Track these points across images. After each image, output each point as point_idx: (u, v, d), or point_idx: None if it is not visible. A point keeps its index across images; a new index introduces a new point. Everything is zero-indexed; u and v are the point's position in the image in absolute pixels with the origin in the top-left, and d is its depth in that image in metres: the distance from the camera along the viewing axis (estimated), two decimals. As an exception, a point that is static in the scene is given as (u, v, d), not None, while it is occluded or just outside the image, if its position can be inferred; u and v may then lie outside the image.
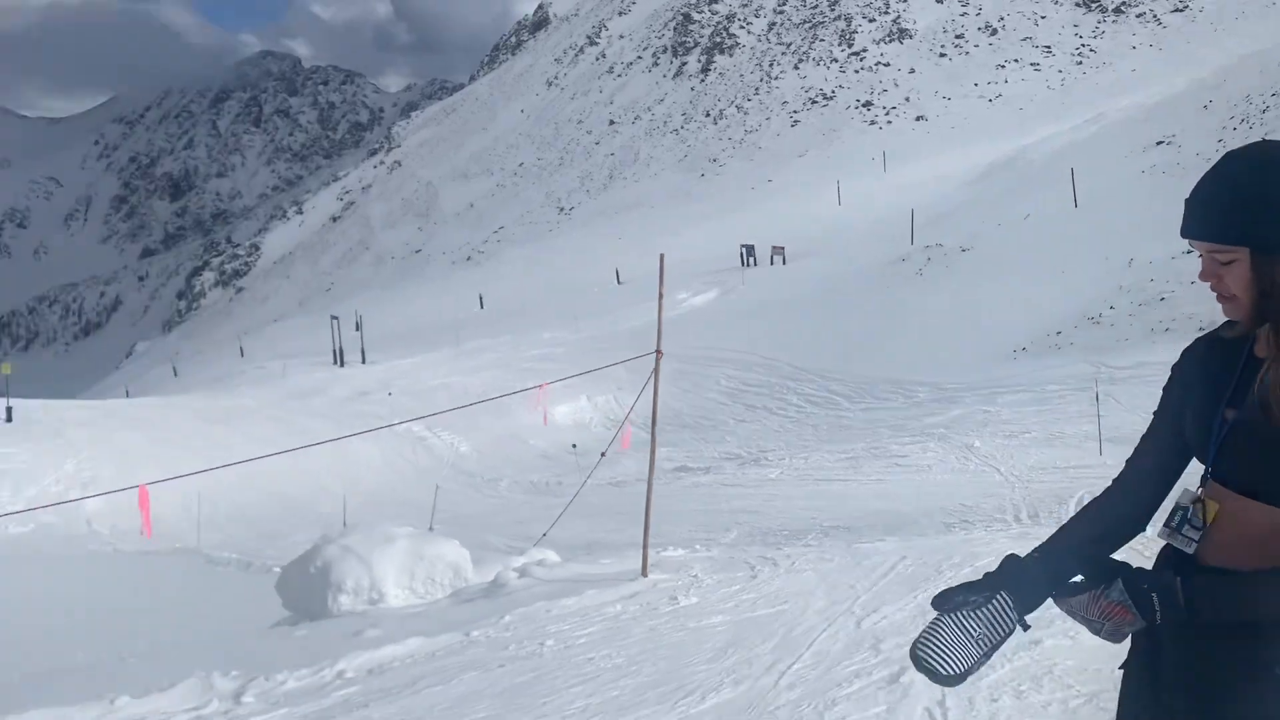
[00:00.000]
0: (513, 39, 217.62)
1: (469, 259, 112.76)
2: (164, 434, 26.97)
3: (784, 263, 45.97)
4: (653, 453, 9.13)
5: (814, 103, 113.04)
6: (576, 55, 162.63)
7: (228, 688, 5.97)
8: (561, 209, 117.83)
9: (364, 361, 40.31)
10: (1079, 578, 1.80)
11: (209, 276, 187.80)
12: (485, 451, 24.44)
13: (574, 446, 24.34)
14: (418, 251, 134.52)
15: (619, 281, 52.99)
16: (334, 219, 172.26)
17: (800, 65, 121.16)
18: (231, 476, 20.83)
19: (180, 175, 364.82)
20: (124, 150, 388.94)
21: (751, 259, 47.94)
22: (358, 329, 49.29)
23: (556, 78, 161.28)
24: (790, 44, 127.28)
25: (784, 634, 5.97)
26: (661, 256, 9.06)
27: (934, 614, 1.88)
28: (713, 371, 27.69)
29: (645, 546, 8.27)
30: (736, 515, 13.52)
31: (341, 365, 41.10)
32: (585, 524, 13.49)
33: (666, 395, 13.88)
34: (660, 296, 8.68)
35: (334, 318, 46.51)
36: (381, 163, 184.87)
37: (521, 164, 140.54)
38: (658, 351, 8.63)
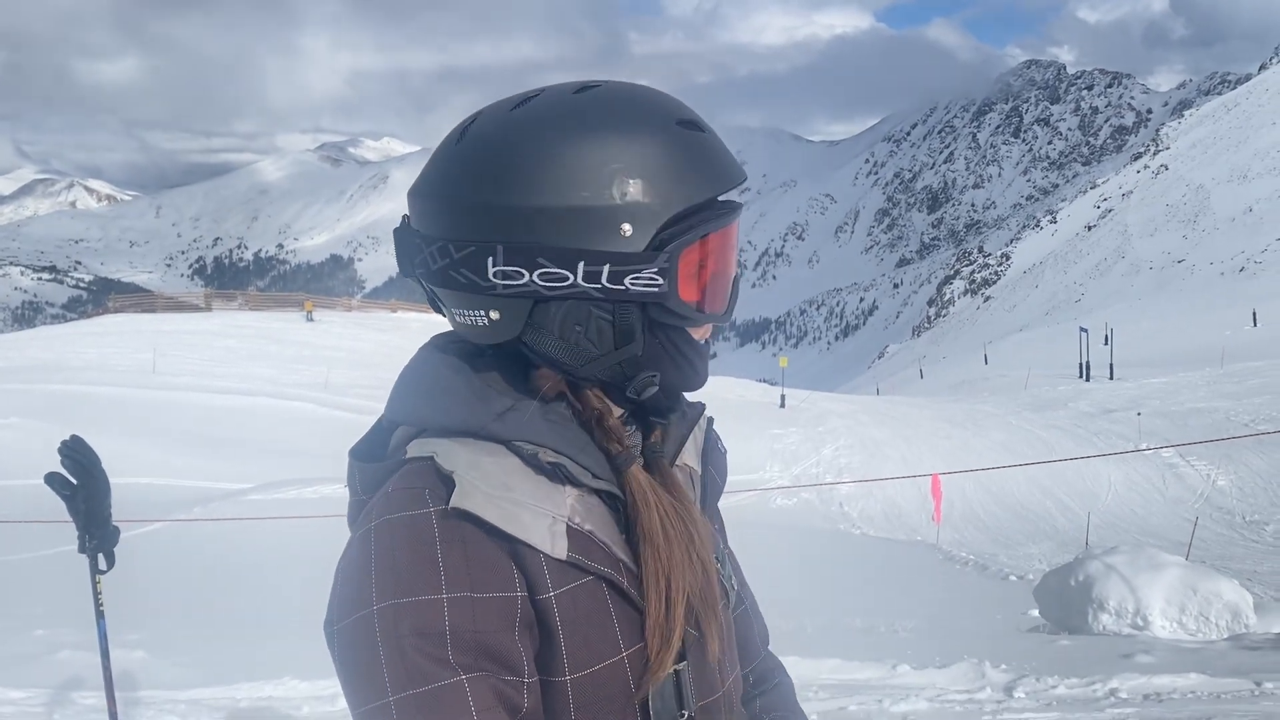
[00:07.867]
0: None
1: (1242, 270, 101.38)
2: (909, 431, 28.75)
3: None
4: None
5: None
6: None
7: (999, 679, 6.37)
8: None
9: (1111, 377, 38.43)
10: None
11: (959, 285, 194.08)
12: (1248, 489, 21.68)
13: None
14: (1180, 261, 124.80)
15: None
16: (1088, 227, 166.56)
17: None
18: (968, 480, 21.56)
19: (939, 188, 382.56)
20: (890, 166, 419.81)
21: None
22: (1106, 342, 47.11)
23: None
24: None
25: None
26: None
27: None
28: None
29: None
30: None
31: (1087, 379, 39.75)
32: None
33: None
34: None
35: (1082, 329, 45.01)
36: (1145, 167, 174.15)
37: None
38: None
